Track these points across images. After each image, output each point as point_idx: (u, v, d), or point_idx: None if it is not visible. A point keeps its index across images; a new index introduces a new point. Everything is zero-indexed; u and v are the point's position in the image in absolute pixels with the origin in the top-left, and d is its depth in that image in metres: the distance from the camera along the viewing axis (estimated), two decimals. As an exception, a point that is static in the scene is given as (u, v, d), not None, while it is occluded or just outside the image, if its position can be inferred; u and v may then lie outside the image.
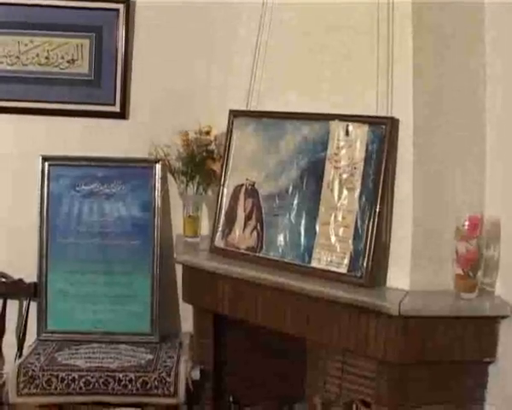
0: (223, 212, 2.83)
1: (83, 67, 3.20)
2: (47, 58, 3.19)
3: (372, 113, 2.47)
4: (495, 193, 2.45)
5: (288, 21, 2.80)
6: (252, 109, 2.87)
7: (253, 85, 2.89)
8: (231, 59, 3.07)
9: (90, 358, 2.92)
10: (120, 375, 2.80)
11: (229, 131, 2.88)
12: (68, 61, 3.19)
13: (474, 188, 2.47)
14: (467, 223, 2.31)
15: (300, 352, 3.07)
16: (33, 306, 3.15)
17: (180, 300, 3.11)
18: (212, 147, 3.05)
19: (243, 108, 2.90)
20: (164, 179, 3.17)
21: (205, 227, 3.14)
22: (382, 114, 2.45)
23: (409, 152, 2.40)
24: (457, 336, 2.31)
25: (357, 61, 2.55)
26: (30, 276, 3.15)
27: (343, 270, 2.45)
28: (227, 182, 2.84)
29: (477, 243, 2.32)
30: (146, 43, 3.23)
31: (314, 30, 2.70)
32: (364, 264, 2.39)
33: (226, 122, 2.90)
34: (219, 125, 2.99)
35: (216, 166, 3.00)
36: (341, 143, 2.52)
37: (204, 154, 3.04)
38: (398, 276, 2.40)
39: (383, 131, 2.42)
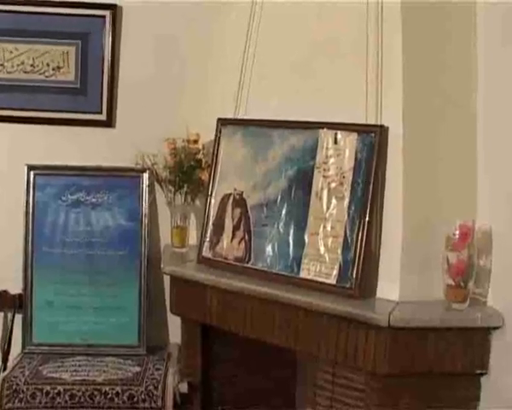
0: (210, 222, 2.80)
1: (69, 75, 3.16)
2: (32, 66, 3.15)
3: (361, 121, 2.44)
4: (486, 201, 2.41)
5: (276, 30, 2.77)
6: (240, 117, 2.84)
7: (240, 93, 2.86)
8: (220, 66, 3.04)
9: (75, 371, 2.87)
10: (107, 388, 2.76)
11: (217, 140, 2.84)
12: (54, 69, 3.15)
13: (465, 196, 2.44)
14: (457, 232, 2.28)
15: (290, 364, 3.03)
16: (18, 318, 3.10)
17: (168, 311, 3.06)
18: (200, 156, 3.02)
19: (231, 115, 2.86)
20: (151, 189, 3.13)
21: (193, 237, 3.10)
22: (371, 122, 2.42)
23: (398, 160, 2.37)
24: (448, 347, 2.28)
25: (347, 68, 2.53)
26: (15, 287, 3.11)
27: (332, 281, 2.41)
28: (215, 191, 2.80)
29: (468, 252, 2.29)
30: (133, 51, 3.18)
31: (303, 38, 2.67)
32: (354, 275, 2.36)
33: (214, 130, 2.86)
34: (208, 133, 2.94)
35: (204, 176, 2.96)
36: (330, 152, 2.49)
37: (192, 163, 3.00)
38: (388, 286, 2.36)
39: (372, 139, 2.39)
